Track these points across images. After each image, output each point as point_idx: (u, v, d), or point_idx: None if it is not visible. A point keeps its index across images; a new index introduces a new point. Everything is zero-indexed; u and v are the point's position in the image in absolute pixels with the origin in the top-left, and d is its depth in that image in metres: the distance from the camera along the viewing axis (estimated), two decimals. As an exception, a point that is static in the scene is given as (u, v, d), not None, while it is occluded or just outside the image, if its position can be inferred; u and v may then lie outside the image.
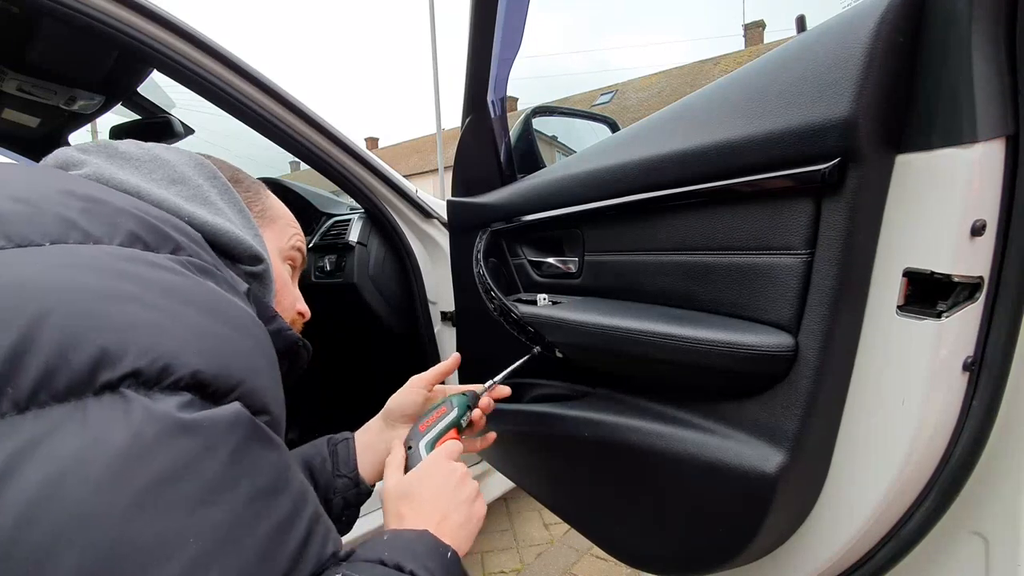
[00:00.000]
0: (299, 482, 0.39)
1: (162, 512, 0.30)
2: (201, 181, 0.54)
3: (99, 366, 0.31)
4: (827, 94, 0.50)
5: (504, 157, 1.04)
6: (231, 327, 0.40)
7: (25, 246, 0.35)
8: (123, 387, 0.31)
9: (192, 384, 0.34)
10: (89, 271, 0.35)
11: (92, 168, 0.49)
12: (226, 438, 0.34)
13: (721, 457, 0.61)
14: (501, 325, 0.93)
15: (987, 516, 0.54)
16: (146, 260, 0.38)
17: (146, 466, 0.30)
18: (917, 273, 0.50)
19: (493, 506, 1.90)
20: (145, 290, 0.36)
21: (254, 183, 0.64)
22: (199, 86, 1.05)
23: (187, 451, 0.32)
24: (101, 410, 0.30)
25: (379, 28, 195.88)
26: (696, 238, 0.67)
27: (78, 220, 0.38)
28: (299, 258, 0.67)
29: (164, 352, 0.33)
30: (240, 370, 0.37)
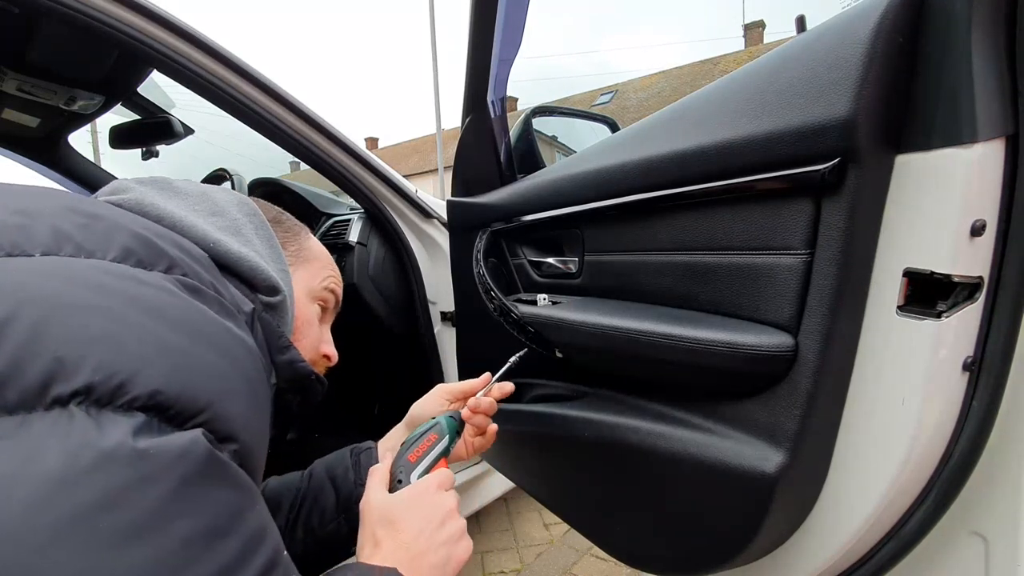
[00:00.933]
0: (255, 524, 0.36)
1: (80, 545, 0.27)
2: (239, 215, 0.56)
3: (52, 379, 0.29)
4: (827, 94, 0.50)
5: (504, 157, 1.04)
6: (207, 346, 0.38)
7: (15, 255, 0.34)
8: (73, 403, 0.30)
9: (150, 405, 0.32)
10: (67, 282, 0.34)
11: (136, 194, 0.50)
12: (169, 471, 0.30)
13: (721, 457, 0.61)
14: (501, 325, 0.93)
15: (987, 516, 0.54)
16: (133, 276, 0.38)
17: (74, 493, 0.28)
18: (917, 273, 0.50)
19: (493, 506, 1.90)
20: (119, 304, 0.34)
21: (296, 224, 0.67)
22: (199, 86, 1.05)
23: (122, 481, 0.29)
24: (44, 426, 0.29)
25: (379, 28, 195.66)
26: (696, 238, 0.67)
27: (74, 234, 0.38)
28: (331, 300, 0.68)
29: (122, 368, 0.31)
30: (209, 392, 0.35)
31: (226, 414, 0.35)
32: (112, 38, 0.92)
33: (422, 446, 0.67)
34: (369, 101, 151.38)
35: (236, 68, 1.08)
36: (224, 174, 1.82)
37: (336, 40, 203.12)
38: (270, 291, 0.54)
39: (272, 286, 0.54)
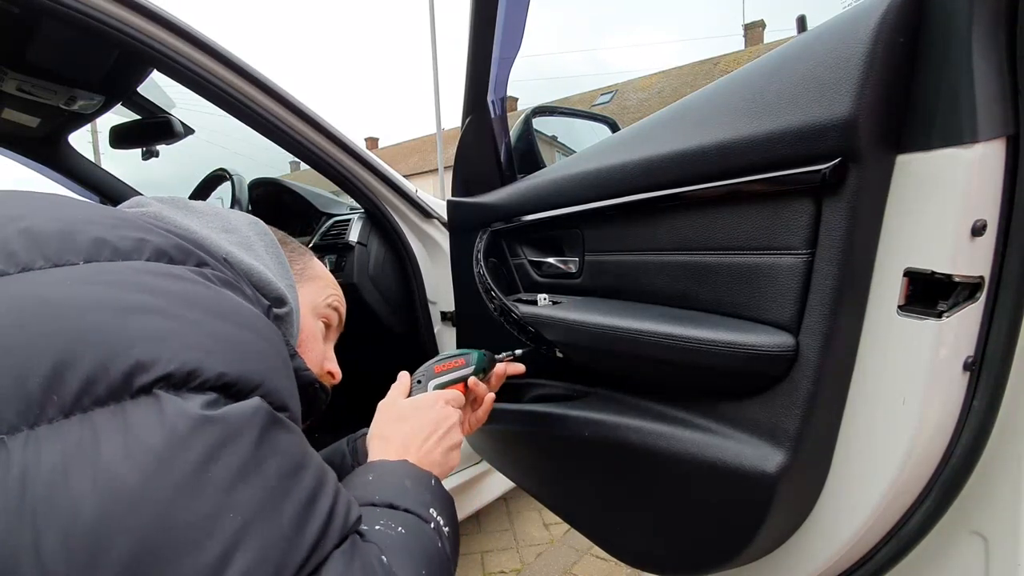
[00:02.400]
0: (318, 460, 0.43)
1: (201, 494, 0.33)
2: (250, 233, 0.60)
3: (134, 373, 0.34)
4: (827, 94, 0.50)
5: (504, 157, 1.04)
6: (249, 331, 0.43)
7: (62, 265, 0.39)
8: (155, 388, 0.35)
9: (218, 385, 0.37)
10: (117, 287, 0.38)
11: (155, 209, 0.54)
12: (249, 425, 0.37)
13: (721, 457, 0.62)
14: (501, 325, 0.93)
15: (987, 516, 0.54)
16: (169, 273, 0.42)
17: (183, 456, 0.33)
18: (918, 273, 0.50)
19: (493, 506, 1.90)
20: (168, 302, 0.39)
21: (300, 246, 0.72)
22: (199, 86, 1.05)
23: (216, 439, 0.35)
24: (138, 410, 0.34)
25: (379, 28, 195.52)
26: (696, 238, 0.67)
27: (108, 237, 0.41)
28: (335, 318, 0.71)
29: (191, 358, 0.36)
30: (261, 371, 0.40)
31: (276, 387, 0.41)
32: (112, 38, 0.92)
33: (449, 364, 0.75)
34: (369, 101, 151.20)
35: (236, 68, 1.08)
36: (224, 174, 1.82)
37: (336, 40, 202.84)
38: (277, 302, 0.56)
39: (279, 297, 0.56)
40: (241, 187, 1.68)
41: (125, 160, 2.05)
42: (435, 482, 0.57)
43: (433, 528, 0.50)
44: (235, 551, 0.33)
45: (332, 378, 0.71)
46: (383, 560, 0.43)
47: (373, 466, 0.57)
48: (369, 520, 0.47)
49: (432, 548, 0.48)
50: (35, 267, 0.38)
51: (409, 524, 0.48)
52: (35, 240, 0.39)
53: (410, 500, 0.51)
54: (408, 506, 0.50)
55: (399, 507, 0.50)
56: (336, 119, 1.29)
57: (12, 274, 0.37)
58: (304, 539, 0.37)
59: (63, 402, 0.33)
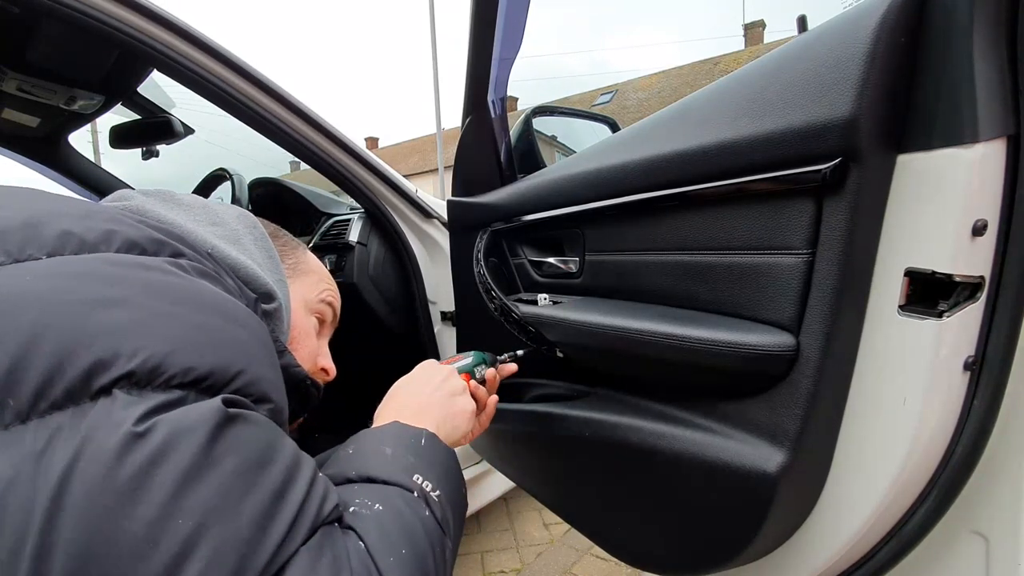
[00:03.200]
0: (291, 451, 0.39)
1: (145, 499, 0.31)
2: (238, 227, 0.57)
3: (93, 372, 0.32)
4: (828, 94, 0.50)
5: (504, 157, 1.04)
6: (224, 319, 0.40)
7: (23, 260, 0.36)
8: (115, 388, 0.33)
9: (186, 381, 0.35)
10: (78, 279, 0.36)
11: (138, 202, 0.51)
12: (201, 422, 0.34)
13: (722, 457, 0.61)
14: (502, 325, 0.93)
15: (988, 516, 0.54)
16: (139, 263, 0.39)
17: (128, 460, 0.31)
18: (918, 273, 0.50)
19: (493, 506, 1.90)
20: (134, 293, 0.37)
21: (293, 240, 0.69)
22: (199, 86, 1.05)
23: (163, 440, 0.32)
24: (95, 412, 0.32)
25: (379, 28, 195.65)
26: (697, 238, 0.67)
27: (74, 229, 0.39)
28: (329, 313, 0.69)
29: (154, 352, 0.34)
30: (237, 360, 0.38)
31: (256, 378, 0.39)
32: (112, 38, 0.92)
33: (453, 358, 0.78)
34: (369, 101, 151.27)
35: (236, 68, 1.08)
36: (224, 174, 1.82)
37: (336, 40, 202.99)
38: (265, 297, 0.54)
39: (267, 292, 0.54)
40: (241, 187, 1.68)
41: (125, 160, 2.05)
42: (425, 440, 0.51)
43: (417, 496, 0.45)
44: (185, 559, 0.31)
45: (326, 375, 0.69)
46: (360, 547, 0.39)
47: (358, 436, 0.52)
48: (347, 500, 0.43)
49: (414, 521, 0.43)
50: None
51: (388, 498, 0.44)
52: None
53: (389, 469, 0.46)
54: (386, 477, 0.46)
55: (377, 479, 0.45)
56: (336, 119, 1.29)
57: None
58: (268, 539, 0.34)
59: (19, 407, 0.31)
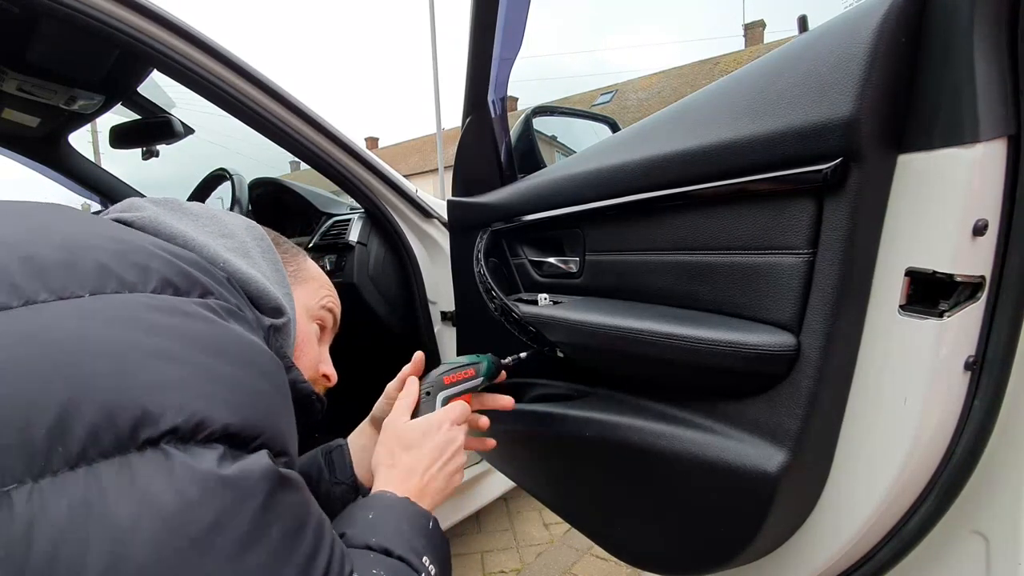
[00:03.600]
0: (316, 514, 0.43)
1: (208, 559, 0.33)
2: (247, 239, 0.59)
3: (140, 425, 0.33)
4: (829, 94, 0.50)
5: (504, 157, 1.04)
6: (254, 373, 0.42)
7: (67, 297, 0.37)
8: (163, 443, 0.34)
9: (223, 436, 0.37)
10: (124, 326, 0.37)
11: (150, 213, 0.53)
12: (257, 489, 0.36)
13: (722, 456, 0.61)
14: (502, 325, 0.93)
15: (988, 515, 0.54)
16: (178, 309, 0.41)
17: (192, 522, 0.33)
18: (919, 273, 0.50)
19: (493, 506, 1.90)
20: (178, 344, 0.38)
21: (293, 247, 0.70)
22: (199, 86, 1.04)
23: (226, 505, 0.34)
24: (145, 466, 0.33)
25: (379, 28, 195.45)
26: (697, 238, 0.67)
27: (113, 266, 0.40)
28: (329, 319, 0.70)
29: (198, 409, 0.36)
30: (264, 418, 0.40)
31: (277, 433, 0.41)
32: (112, 38, 0.92)
33: (459, 375, 0.75)
34: (369, 101, 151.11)
35: (236, 68, 1.08)
36: (224, 174, 1.82)
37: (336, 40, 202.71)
38: (275, 312, 0.55)
39: (277, 307, 0.55)
40: (241, 187, 1.68)
41: (125, 160, 2.05)
42: (432, 524, 0.57)
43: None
44: None
45: (328, 380, 0.70)
46: None
47: (374, 501, 0.57)
48: (363, 567, 0.46)
49: None
50: (39, 300, 0.36)
51: (399, 573, 0.49)
52: (38, 270, 0.38)
53: (405, 546, 0.51)
54: (402, 553, 0.50)
55: (394, 553, 0.50)
56: (336, 119, 1.29)
57: (15, 308, 0.35)
58: None
59: (68, 453, 0.31)
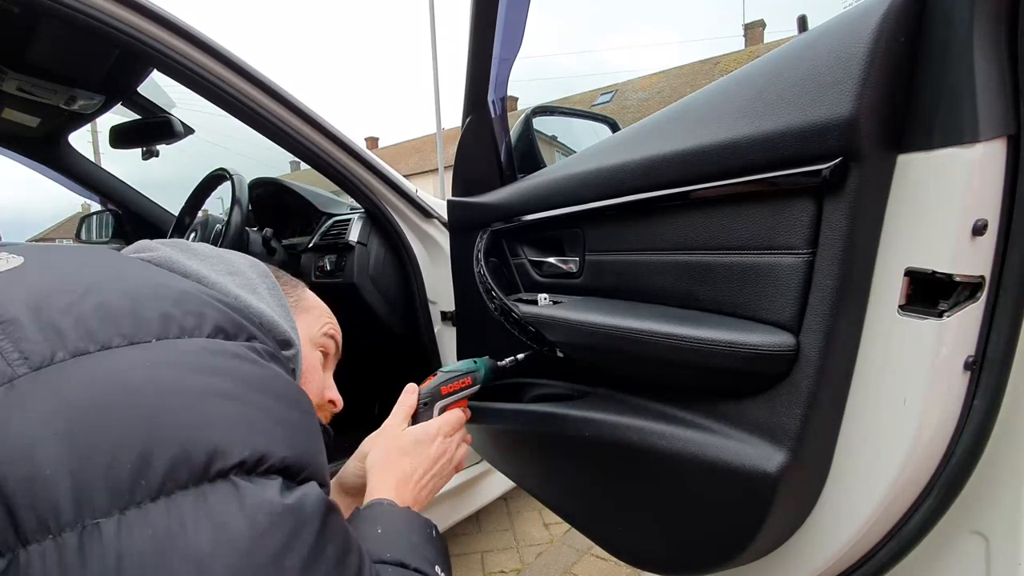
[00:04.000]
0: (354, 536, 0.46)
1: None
2: (253, 276, 0.62)
3: (212, 459, 0.37)
4: (829, 94, 0.50)
5: (504, 157, 1.04)
6: (299, 412, 0.46)
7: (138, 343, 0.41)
8: (232, 475, 0.37)
9: (280, 469, 0.40)
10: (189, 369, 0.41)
11: (163, 254, 0.56)
12: (315, 515, 0.40)
13: (722, 456, 0.61)
14: (502, 325, 0.93)
15: (988, 515, 0.54)
16: (232, 353, 0.45)
17: (263, 546, 0.36)
18: (918, 272, 0.50)
19: (493, 506, 1.90)
20: (236, 386, 0.42)
21: (291, 279, 0.73)
22: (199, 86, 1.05)
23: (290, 530, 0.38)
24: (218, 496, 0.36)
25: (379, 28, 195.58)
26: (697, 238, 0.67)
27: (174, 313, 0.44)
28: (332, 346, 0.73)
29: (260, 444, 0.39)
30: (309, 452, 0.44)
31: (318, 466, 0.45)
32: (112, 38, 0.92)
33: (456, 384, 0.78)
34: (369, 101, 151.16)
35: (236, 68, 1.08)
36: (224, 174, 1.82)
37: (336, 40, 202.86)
38: (284, 345, 0.58)
39: (286, 339, 0.58)
40: (241, 187, 1.68)
41: (125, 160, 2.05)
42: (435, 533, 0.61)
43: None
44: None
45: (334, 406, 0.73)
46: None
47: (379, 514, 0.60)
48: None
49: None
50: (113, 345, 0.39)
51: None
52: (110, 317, 0.41)
53: (418, 558, 0.54)
54: (418, 565, 0.53)
55: (409, 566, 0.53)
56: (336, 119, 1.29)
57: (93, 352, 0.39)
58: None
59: (150, 486, 0.34)
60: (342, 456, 1.48)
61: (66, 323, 0.39)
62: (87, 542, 0.32)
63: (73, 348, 0.38)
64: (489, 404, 0.97)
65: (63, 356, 0.38)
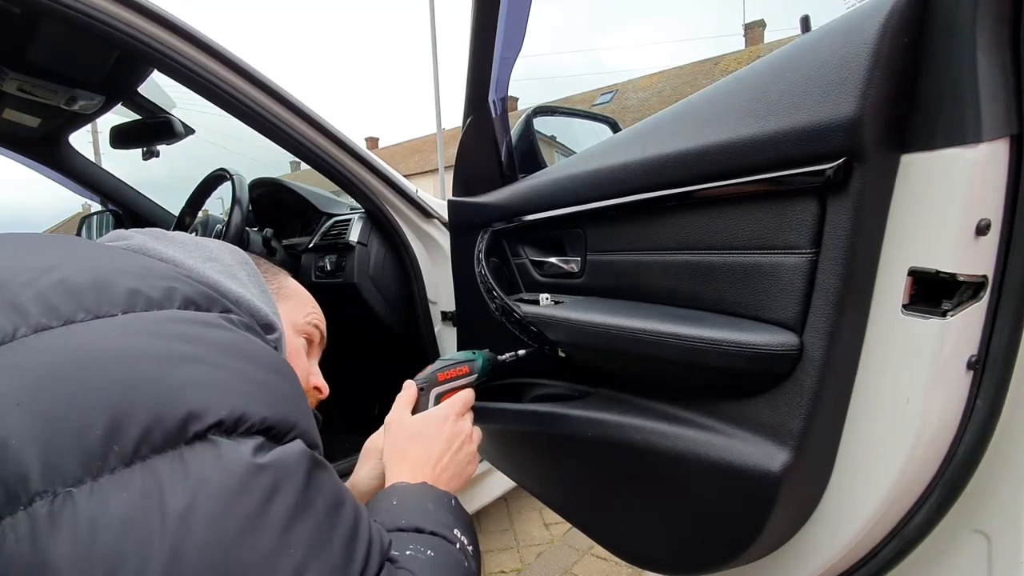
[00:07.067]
0: (350, 494, 0.45)
1: (263, 534, 0.35)
2: (232, 262, 0.60)
3: (188, 421, 0.36)
4: (832, 94, 0.50)
5: (505, 157, 1.04)
6: (280, 375, 0.45)
7: (103, 316, 0.40)
8: (210, 435, 0.37)
9: (262, 429, 0.39)
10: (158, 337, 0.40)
11: (138, 241, 0.55)
12: (297, 467, 0.40)
13: (725, 456, 0.62)
14: (503, 325, 0.93)
15: (990, 514, 0.54)
16: (203, 320, 0.44)
17: (244, 499, 0.36)
18: (922, 272, 0.51)
19: (493, 506, 1.90)
20: (207, 350, 0.41)
21: (273, 267, 0.72)
22: (199, 86, 1.05)
23: (272, 482, 0.37)
24: (196, 457, 0.36)
25: (379, 28, 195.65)
26: (700, 238, 0.67)
27: (141, 288, 0.43)
28: (316, 334, 0.72)
29: (237, 404, 0.39)
30: (294, 413, 0.43)
31: (307, 428, 0.44)
32: (112, 38, 0.92)
33: (453, 372, 0.77)
34: (369, 101, 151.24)
35: (236, 68, 1.08)
36: (224, 174, 1.82)
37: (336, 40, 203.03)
38: (267, 329, 0.57)
39: (268, 323, 0.57)
40: (241, 187, 1.68)
41: (125, 160, 2.05)
42: (455, 502, 0.60)
43: (459, 548, 0.53)
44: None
45: (319, 393, 0.72)
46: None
47: (394, 490, 0.59)
48: (399, 545, 0.49)
49: (460, 568, 0.51)
50: (77, 319, 0.39)
51: (437, 546, 0.51)
52: (73, 292, 0.40)
53: (435, 522, 0.54)
54: (434, 528, 0.53)
55: (425, 530, 0.52)
56: (336, 119, 1.29)
57: (56, 327, 0.38)
58: (353, 568, 0.40)
59: (123, 452, 0.34)
60: (342, 456, 1.48)
61: (27, 299, 0.39)
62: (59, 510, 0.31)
63: (35, 323, 0.37)
64: (490, 404, 0.97)
65: (25, 332, 0.37)
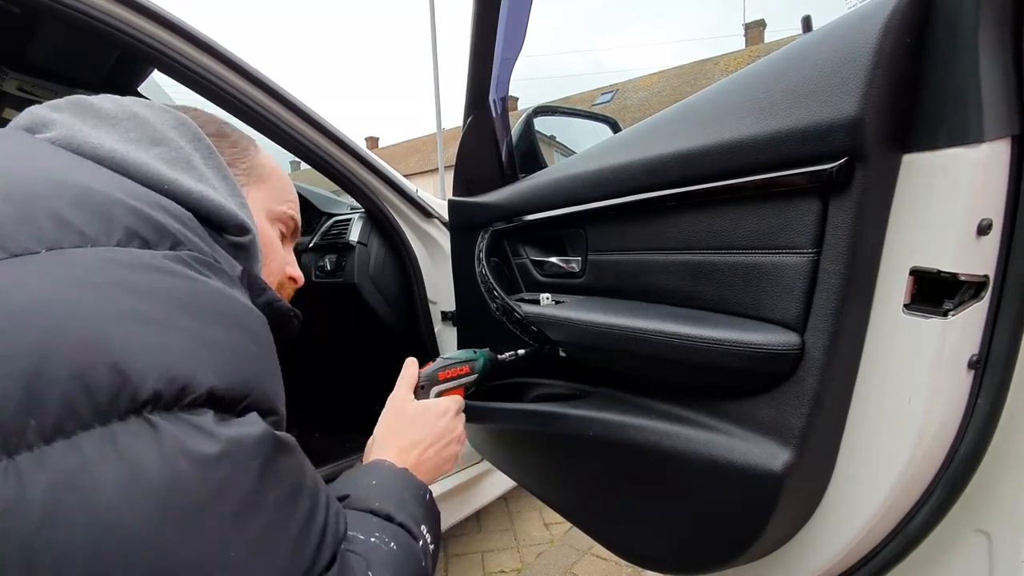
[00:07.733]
0: (311, 475, 0.42)
1: (203, 533, 0.31)
2: (183, 143, 0.50)
3: (119, 392, 0.31)
4: (834, 94, 0.50)
5: (505, 157, 1.04)
6: (236, 330, 0.39)
7: (21, 254, 0.33)
8: (146, 412, 0.32)
9: (208, 400, 0.34)
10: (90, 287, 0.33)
11: (63, 130, 0.45)
12: (252, 458, 0.35)
13: (727, 455, 0.62)
14: (503, 324, 0.93)
15: (991, 513, 0.54)
16: (149, 266, 0.37)
17: (184, 495, 0.31)
18: (923, 272, 0.51)
19: (493, 506, 1.90)
20: (151, 305, 0.35)
21: (244, 138, 0.60)
22: (199, 86, 1.04)
23: (220, 477, 0.33)
24: (129, 436, 0.31)
25: (379, 28, 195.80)
26: (701, 237, 0.67)
27: (71, 219, 0.36)
28: (292, 224, 0.64)
29: (180, 373, 0.33)
30: (250, 377, 0.38)
31: (264, 392, 0.39)
32: (112, 38, 0.92)
33: (454, 371, 0.78)
34: (369, 101, 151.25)
35: (236, 68, 1.08)
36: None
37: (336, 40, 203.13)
38: (238, 230, 0.49)
39: (239, 224, 0.49)
40: (241, 187, 1.68)
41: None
42: (429, 496, 0.59)
43: (421, 546, 0.53)
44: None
45: (295, 283, 0.66)
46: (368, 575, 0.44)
47: (377, 469, 0.59)
48: (366, 529, 0.48)
49: (417, 567, 0.50)
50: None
51: (401, 540, 0.50)
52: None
53: (406, 514, 0.53)
54: (403, 520, 0.52)
55: (395, 520, 0.52)
56: (336, 119, 1.29)
57: None
58: (300, 565, 0.37)
59: (43, 427, 0.29)
60: (343, 456, 1.48)
61: None
62: None
63: None
64: (491, 404, 0.97)
65: None
